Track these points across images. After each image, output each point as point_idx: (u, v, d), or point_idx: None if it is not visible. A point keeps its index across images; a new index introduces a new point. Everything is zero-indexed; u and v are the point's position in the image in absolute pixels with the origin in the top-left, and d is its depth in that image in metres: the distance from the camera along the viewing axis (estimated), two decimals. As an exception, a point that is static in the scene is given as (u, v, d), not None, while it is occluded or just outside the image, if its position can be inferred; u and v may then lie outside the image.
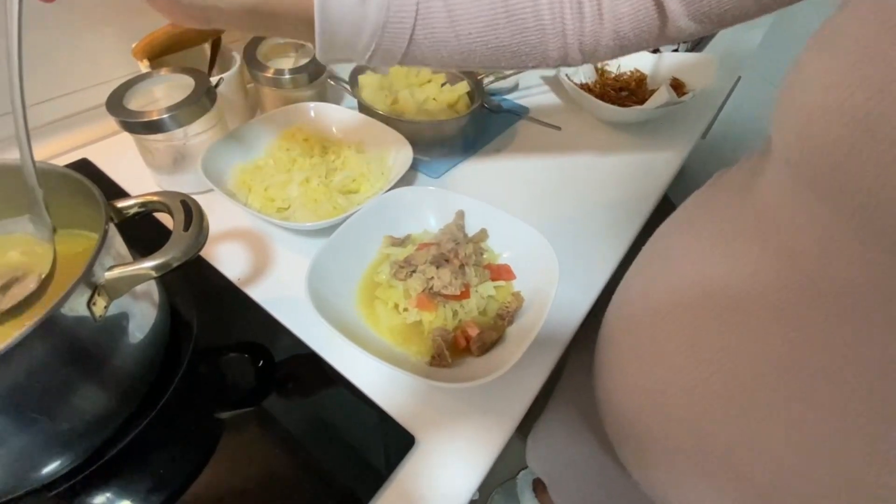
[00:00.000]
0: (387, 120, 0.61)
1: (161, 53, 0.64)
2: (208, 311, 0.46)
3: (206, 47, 0.67)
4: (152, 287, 0.39)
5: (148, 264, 0.31)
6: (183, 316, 0.43)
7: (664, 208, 0.55)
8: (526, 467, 0.98)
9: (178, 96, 0.50)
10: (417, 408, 0.40)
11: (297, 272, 0.44)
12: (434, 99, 0.67)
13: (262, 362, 0.42)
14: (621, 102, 0.75)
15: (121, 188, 0.56)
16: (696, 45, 1.01)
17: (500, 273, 0.46)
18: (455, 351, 0.41)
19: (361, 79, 0.65)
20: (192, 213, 0.34)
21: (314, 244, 0.49)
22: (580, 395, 0.53)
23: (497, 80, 0.77)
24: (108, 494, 0.34)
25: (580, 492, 0.60)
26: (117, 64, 0.60)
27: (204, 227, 0.34)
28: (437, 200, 0.51)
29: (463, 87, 0.68)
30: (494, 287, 0.45)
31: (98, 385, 0.32)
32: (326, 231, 0.48)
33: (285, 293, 0.48)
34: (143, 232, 0.40)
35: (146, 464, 0.37)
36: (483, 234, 0.50)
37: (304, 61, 0.63)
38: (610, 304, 0.42)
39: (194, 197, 0.35)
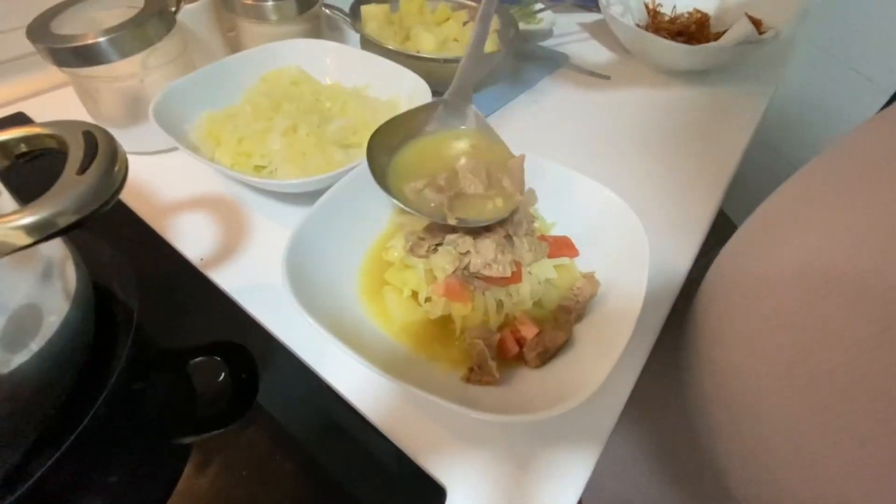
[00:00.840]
0: (397, 57, 0.49)
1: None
2: (155, 303, 0.34)
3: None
4: (65, 269, 0.28)
5: (11, 224, 0.17)
6: (118, 310, 0.30)
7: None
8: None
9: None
10: (447, 444, 0.28)
11: (279, 251, 0.30)
12: (455, 39, 0.53)
13: (223, 375, 0.29)
14: None
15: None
16: None
17: (560, 248, 0.34)
18: (502, 359, 0.29)
19: (365, 10, 0.51)
20: (97, 151, 0.21)
21: (302, 213, 0.37)
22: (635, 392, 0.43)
23: (528, 22, 0.62)
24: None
25: (618, 494, 0.52)
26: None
27: (115, 169, 0.21)
28: None
29: (492, 23, 0.53)
30: (555, 267, 0.33)
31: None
32: (318, 194, 0.35)
33: (262, 280, 0.37)
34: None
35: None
36: (530, 197, 0.36)
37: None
38: (717, 264, 0.32)
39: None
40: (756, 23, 0.62)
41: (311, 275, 0.29)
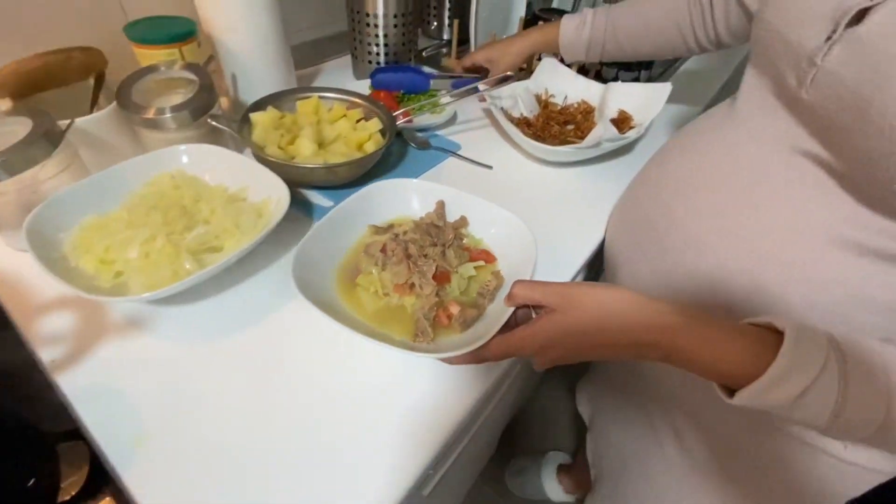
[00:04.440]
0: (271, 164, 0.62)
1: (31, 89, 0.57)
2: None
3: (91, 82, 0.60)
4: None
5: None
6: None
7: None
8: (553, 449, 1.28)
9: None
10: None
11: (135, 352, 0.37)
12: (344, 139, 0.61)
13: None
14: (566, 136, 0.82)
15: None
16: (664, 72, 0.92)
17: (481, 257, 0.57)
18: (438, 329, 0.50)
19: (254, 117, 0.60)
20: None
21: (161, 313, 0.49)
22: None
23: (431, 111, 0.82)
24: None
25: (613, 438, 0.76)
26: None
27: None
28: (419, 191, 0.62)
29: (374, 125, 0.59)
30: (475, 268, 0.55)
31: None
32: (174, 298, 0.49)
33: (110, 383, 0.44)
34: None
35: None
36: (463, 221, 0.61)
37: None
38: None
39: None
40: (625, 118, 0.69)
41: (310, 278, 0.48)
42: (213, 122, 0.65)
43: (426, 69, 0.91)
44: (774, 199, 0.43)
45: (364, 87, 0.88)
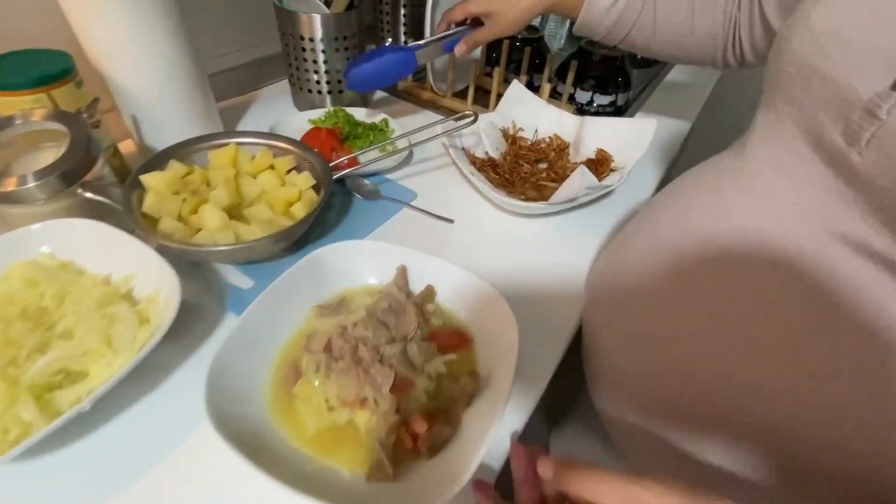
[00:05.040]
0: (165, 246, 0.48)
1: None
2: None
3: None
4: None
5: None
6: None
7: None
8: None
9: None
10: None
11: None
12: (268, 195, 0.55)
13: None
14: (538, 178, 0.69)
15: None
16: (644, 88, 0.96)
17: (450, 341, 0.45)
18: (401, 454, 0.39)
19: (146, 179, 0.45)
20: None
21: None
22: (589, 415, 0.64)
23: (386, 154, 0.65)
24: None
25: None
26: None
27: None
28: (373, 255, 0.50)
29: (305, 180, 0.48)
30: (445, 363, 0.43)
31: None
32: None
33: None
34: None
35: None
36: (429, 294, 0.49)
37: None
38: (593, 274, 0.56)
39: None
40: (604, 160, 0.60)
41: (228, 403, 0.36)
42: (86, 193, 0.47)
43: (411, 43, 0.66)
44: (803, 305, 0.31)
45: (305, 119, 0.72)
